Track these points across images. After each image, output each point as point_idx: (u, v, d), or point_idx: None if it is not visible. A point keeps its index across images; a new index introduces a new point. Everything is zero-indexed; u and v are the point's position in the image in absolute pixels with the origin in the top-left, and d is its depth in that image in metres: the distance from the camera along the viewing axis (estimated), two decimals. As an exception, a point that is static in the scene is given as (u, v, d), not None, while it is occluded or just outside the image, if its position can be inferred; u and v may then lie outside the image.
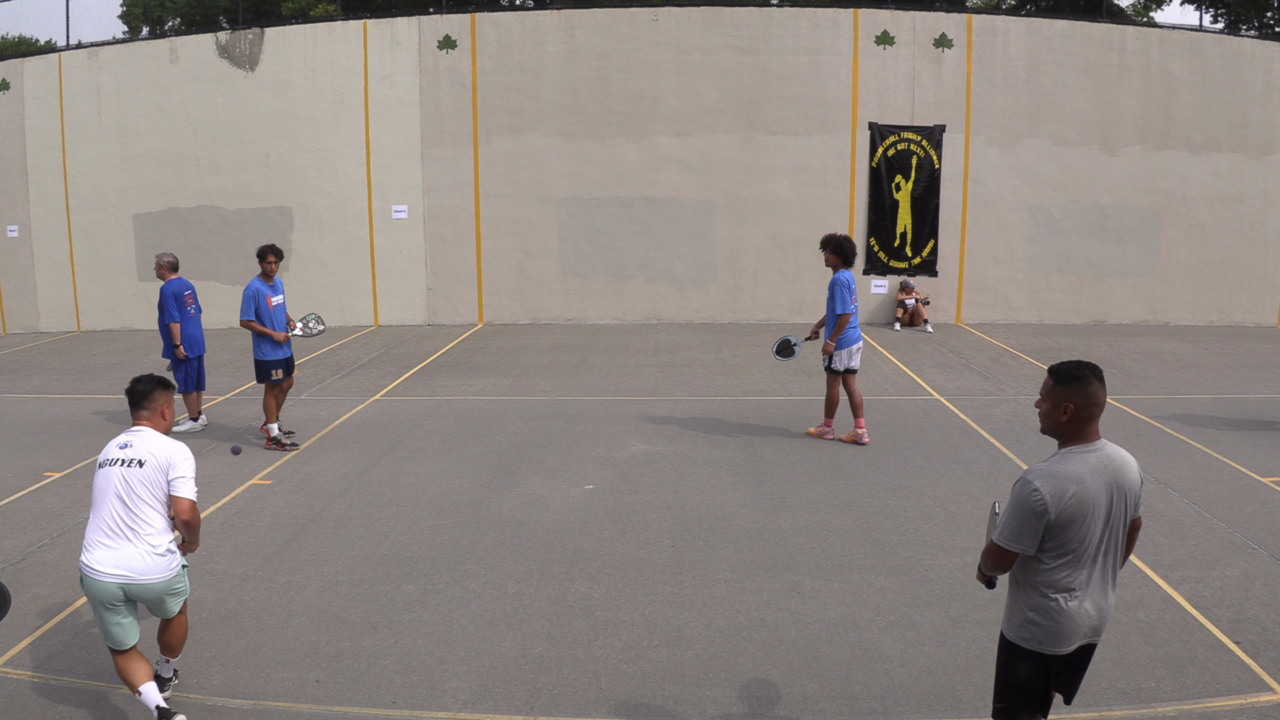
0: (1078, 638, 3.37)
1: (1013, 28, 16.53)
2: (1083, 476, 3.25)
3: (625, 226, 16.95)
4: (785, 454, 8.62)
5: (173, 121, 16.90)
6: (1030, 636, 3.39)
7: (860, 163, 16.68)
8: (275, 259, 8.91)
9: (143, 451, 4.27)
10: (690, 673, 4.78)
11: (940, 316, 16.86)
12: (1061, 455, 3.33)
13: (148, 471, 4.23)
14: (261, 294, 8.83)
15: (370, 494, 7.60)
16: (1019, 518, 3.28)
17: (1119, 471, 3.32)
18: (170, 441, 4.36)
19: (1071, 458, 3.29)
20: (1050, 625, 3.35)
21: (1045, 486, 3.22)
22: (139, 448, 4.29)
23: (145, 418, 4.42)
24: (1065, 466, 3.27)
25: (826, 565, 6.09)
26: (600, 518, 6.99)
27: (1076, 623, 3.34)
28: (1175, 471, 8.00)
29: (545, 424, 9.77)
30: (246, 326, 8.89)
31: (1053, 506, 3.21)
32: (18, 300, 17.63)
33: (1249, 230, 16.68)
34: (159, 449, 4.29)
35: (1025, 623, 3.40)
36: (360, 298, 17.25)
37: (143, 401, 4.43)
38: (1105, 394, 3.35)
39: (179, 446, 4.36)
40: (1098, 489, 3.26)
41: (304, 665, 4.88)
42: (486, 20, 16.73)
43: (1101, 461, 3.30)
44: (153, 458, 4.25)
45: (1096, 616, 3.37)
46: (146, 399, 4.44)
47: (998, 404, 10.52)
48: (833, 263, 8.81)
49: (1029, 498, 3.24)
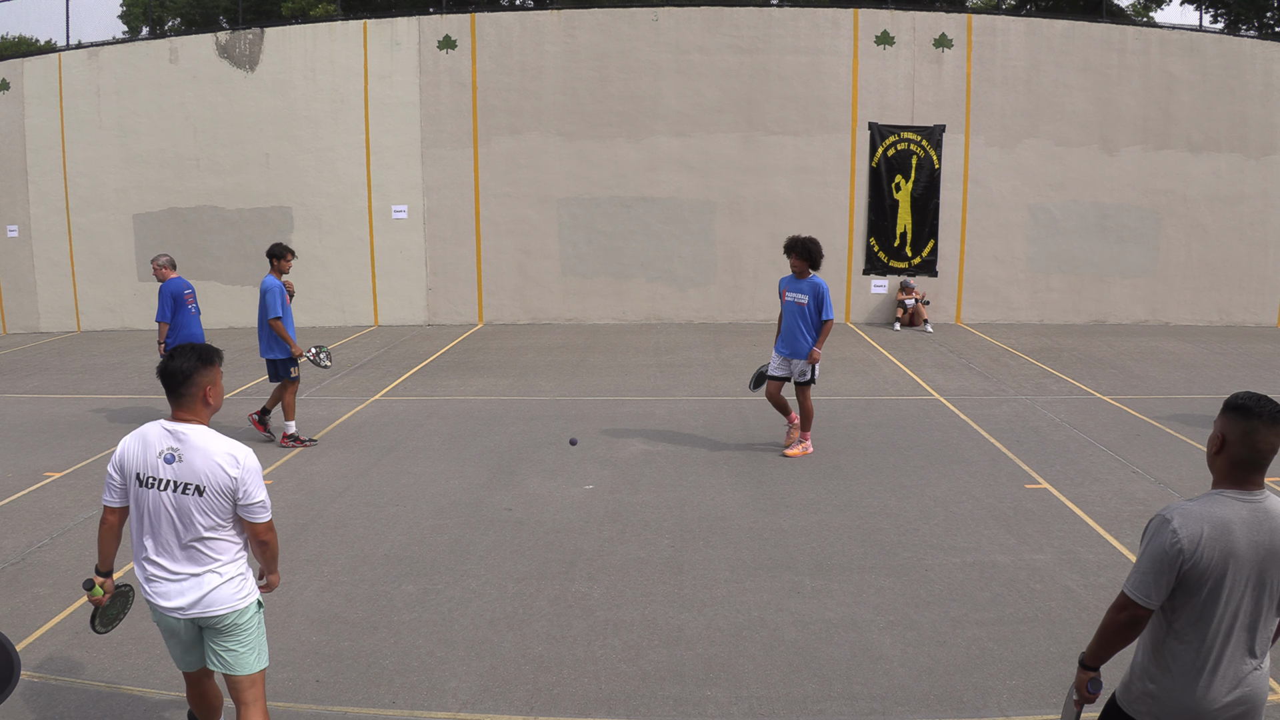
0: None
1: (1013, 28, 16.53)
2: (1229, 525, 2.71)
3: (625, 226, 16.95)
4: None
5: (173, 121, 16.90)
6: (1145, 710, 2.86)
7: (860, 163, 16.68)
8: (292, 258, 9.17)
9: (198, 468, 3.44)
10: (690, 673, 4.78)
11: (940, 316, 16.86)
12: (1210, 496, 2.79)
13: (209, 499, 3.46)
14: (283, 290, 8.97)
15: (370, 494, 7.60)
16: (1152, 561, 2.73)
17: (1278, 534, 2.73)
18: (225, 445, 3.52)
19: (1220, 501, 2.75)
20: (1171, 704, 2.79)
21: (1184, 527, 2.70)
22: (190, 461, 3.45)
23: (188, 406, 3.54)
24: (1210, 508, 2.74)
25: (826, 565, 6.09)
26: (600, 518, 6.99)
27: (1208, 704, 2.75)
28: (1175, 471, 8.00)
29: (545, 424, 9.77)
30: (274, 326, 8.91)
31: (1189, 549, 2.69)
32: (18, 300, 17.63)
33: (1249, 230, 16.69)
34: (216, 463, 3.45)
35: (1143, 695, 2.86)
36: (360, 298, 17.25)
37: (183, 386, 3.51)
38: (1275, 442, 2.74)
39: (239, 452, 3.51)
40: (1246, 547, 2.70)
41: (304, 665, 4.88)
42: (486, 20, 16.73)
43: (1257, 516, 2.73)
44: (211, 479, 3.44)
45: (1242, 700, 2.77)
46: (188, 382, 3.50)
47: (998, 404, 10.52)
48: (797, 268, 8.35)
49: (1164, 538, 2.72)
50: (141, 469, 3.52)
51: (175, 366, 3.51)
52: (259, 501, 3.53)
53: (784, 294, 8.48)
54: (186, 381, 3.52)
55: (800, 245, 8.34)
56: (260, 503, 3.53)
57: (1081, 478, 7.83)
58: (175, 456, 3.47)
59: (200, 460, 3.46)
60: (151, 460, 3.50)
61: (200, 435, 3.51)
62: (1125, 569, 5.96)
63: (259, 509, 3.54)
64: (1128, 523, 6.79)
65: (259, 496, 3.53)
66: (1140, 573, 2.75)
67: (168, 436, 3.51)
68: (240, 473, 3.47)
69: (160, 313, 9.55)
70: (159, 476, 3.48)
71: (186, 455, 3.47)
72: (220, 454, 3.47)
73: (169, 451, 3.48)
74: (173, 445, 3.49)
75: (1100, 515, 6.94)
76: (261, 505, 3.54)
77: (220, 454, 3.47)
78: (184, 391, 3.52)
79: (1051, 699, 4.48)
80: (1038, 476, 7.88)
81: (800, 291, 8.35)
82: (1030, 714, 4.37)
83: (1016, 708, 4.42)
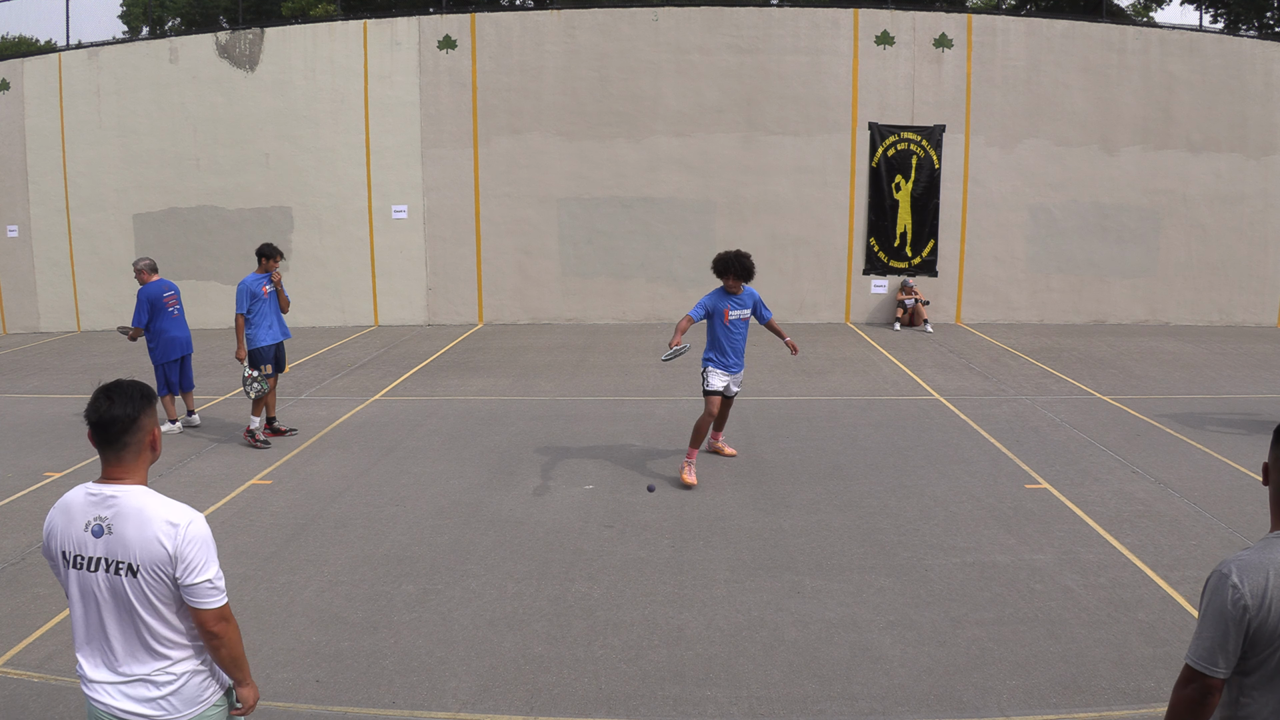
0: None
1: (1013, 28, 16.53)
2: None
3: (625, 226, 16.95)
4: (785, 454, 8.62)
5: (173, 121, 16.90)
6: None
7: (860, 163, 16.69)
8: (281, 258, 9.31)
9: (129, 541, 2.71)
10: (690, 673, 4.78)
11: (940, 316, 16.86)
12: (1267, 539, 2.50)
13: (145, 581, 2.72)
14: (254, 286, 9.00)
15: (370, 494, 7.60)
16: (1215, 623, 2.41)
17: None
18: (164, 509, 2.75)
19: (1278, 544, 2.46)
20: None
21: (1245, 580, 2.39)
22: (122, 533, 2.72)
23: (128, 461, 2.78)
24: (1269, 554, 2.44)
25: (826, 565, 6.09)
26: (600, 518, 6.99)
27: None
28: (1175, 471, 8.00)
29: (545, 424, 9.77)
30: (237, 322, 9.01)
31: (1254, 605, 2.38)
32: (18, 300, 17.63)
33: (1249, 230, 16.69)
34: (151, 537, 2.70)
35: None
36: (360, 298, 17.25)
37: (127, 434, 2.76)
38: None
39: (179, 517, 2.74)
40: None
41: (304, 665, 4.88)
42: (486, 20, 16.73)
43: None
44: (145, 554, 2.70)
45: None
46: (133, 429, 2.76)
47: (998, 404, 10.52)
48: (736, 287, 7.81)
49: (1223, 593, 2.41)
50: (68, 546, 2.78)
51: (116, 413, 2.74)
52: (204, 582, 2.74)
53: (727, 314, 7.84)
54: (131, 428, 2.76)
55: (740, 265, 7.75)
56: (206, 583, 2.74)
57: (1081, 478, 7.83)
58: (104, 528, 2.74)
59: (133, 531, 2.71)
60: (78, 535, 2.77)
61: (134, 498, 2.75)
62: (1125, 569, 5.96)
63: (206, 591, 2.74)
64: (1128, 523, 6.79)
65: (205, 574, 2.74)
66: (1203, 639, 2.43)
67: (95, 503, 2.76)
68: (178, 545, 2.70)
69: (136, 318, 9.57)
70: (86, 554, 2.76)
71: (117, 525, 2.73)
72: (156, 521, 2.71)
73: (97, 522, 2.75)
74: (100, 514, 2.75)
75: (1100, 515, 6.94)
76: (209, 586, 2.75)
77: (156, 521, 2.71)
78: (128, 441, 2.76)
79: (1051, 699, 4.48)
80: (1038, 476, 7.88)
81: (745, 307, 7.92)
82: (1030, 714, 4.37)
83: (1016, 708, 4.42)
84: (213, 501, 7.42)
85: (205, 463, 8.53)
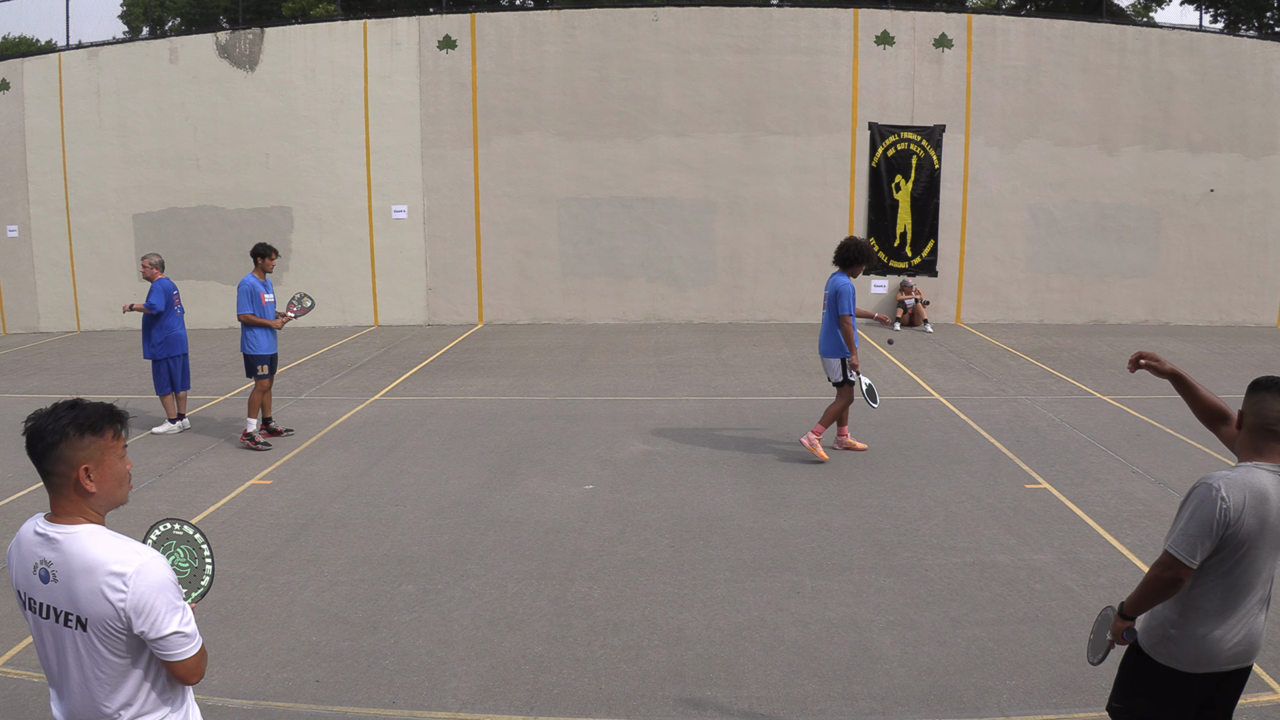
0: (1220, 664, 3.10)
1: (1013, 28, 16.53)
2: (1266, 494, 2.94)
3: (625, 226, 16.95)
4: (785, 454, 8.62)
5: (173, 121, 16.90)
6: (1167, 654, 3.13)
7: (860, 163, 16.69)
8: (276, 257, 9.29)
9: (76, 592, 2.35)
10: (690, 673, 4.78)
11: (940, 316, 16.86)
12: (1243, 466, 3.02)
13: (96, 634, 2.37)
14: (257, 289, 9.05)
15: (370, 494, 7.60)
16: (1200, 525, 2.93)
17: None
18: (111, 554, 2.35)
19: (1254, 472, 2.98)
20: (1191, 648, 3.08)
21: (1231, 494, 2.91)
22: (67, 584, 2.36)
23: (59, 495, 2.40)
24: (1248, 478, 2.95)
25: (826, 565, 6.09)
26: (600, 518, 6.99)
27: (1221, 648, 3.07)
28: (1175, 471, 8.00)
29: (545, 424, 9.77)
30: (245, 320, 9.05)
31: (1234, 516, 2.91)
32: (18, 300, 17.63)
33: (1249, 230, 16.69)
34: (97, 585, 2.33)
35: (1164, 639, 3.13)
36: (360, 298, 17.25)
37: (46, 460, 2.37)
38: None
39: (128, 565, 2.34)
40: (1276, 515, 2.95)
41: (304, 665, 4.88)
42: (486, 20, 16.73)
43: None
44: (94, 611, 2.35)
45: (1246, 642, 3.10)
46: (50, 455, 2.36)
47: (998, 404, 10.52)
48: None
49: (1213, 504, 2.91)
50: (21, 585, 2.48)
51: (40, 428, 2.37)
52: (172, 634, 2.38)
53: None
54: (49, 455, 2.36)
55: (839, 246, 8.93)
56: (175, 635, 2.39)
57: (1081, 478, 7.83)
58: (49, 574, 2.39)
59: (79, 582, 2.35)
60: (28, 576, 2.45)
61: (79, 541, 2.37)
62: (1125, 569, 5.96)
63: (176, 643, 2.40)
64: (1128, 523, 6.79)
65: (170, 627, 2.37)
66: (1187, 536, 2.94)
67: (41, 544, 2.41)
68: (130, 599, 2.33)
69: (153, 304, 9.53)
70: (36, 599, 2.44)
71: (61, 573, 2.37)
72: (102, 572, 2.33)
73: (42, 566, 2.40)
74: (45, 556, 2.40)
75: (1100, 515, 6.94)
76: (178, 638, 2.40)
77: (102, 572, 2.33)
78: (48, 469, 2.38)
79: (1051, 699, 4.48)
80: (1038, 476, 7.88)
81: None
82: (1030, 714, 4.37)
83: (1016, 708, 4.42)
84: (212, 501, 7.42)
85: (205, 463, 8.53)
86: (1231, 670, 3.16)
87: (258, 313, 9.05)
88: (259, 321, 9.05)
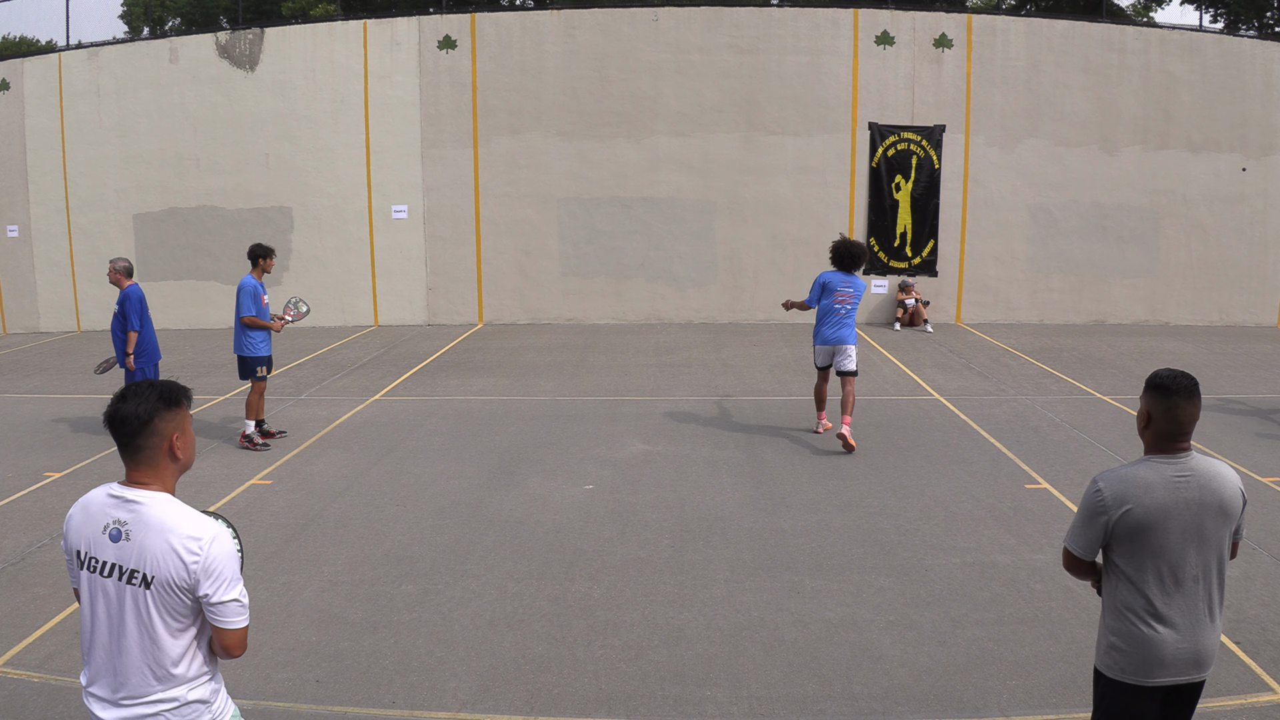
0: (1166, 671, 3.10)
1: (1013, 28, 16.53)
2: (1151, 485, 3.07)
3: (625, 226, 16.95)
4: (785, 454, 8.62)
5: (173, 121, 16.91)
6: (1113, 664, 3.17)
7: (860, 163, 16.69)
8: (274, 259, 9.24)
9: (147, 551, 2.57)
10: (690, 673, 4.78)
11: (940, 316, 16.86)
12: (1139, 461, 3.19)
13: (159, 594, 2.57)
14: (259, 290, 9.00)
15: (370, 494, 7.60)
16: (1080, 515, 3.21)
17: (1205, 489, 3.10)
18: (189, 522, 2.60)
19: (1147, 465, 3.13)
20: (1132, 653, 3.12)
21: (1109, 487, 3.11)
22: (140, 541, 2.58)
23: (147, 464, 2.65)
24: (1134, 471, 3.12)
25: (826, 565, 6.09)
26: (600, 518, 6.99)
27: (1161, 652, 3.08)
28: (1175, 471, 7.99)
29: (545, 424, 9.77)
30: (249, 323, 8.97)
31: (1113, 507, 3.08)
32: (18, 300, 17.63)
33: (1249, 230, 16.69)
34: (171, 545, 2.56)
35: (1108, 648, 3.20)
36: (360, 298, 17.25)
37: (139, 437, 2.63)
38: (1193, 412, 3.12)
39: (204, 532, 2.59)
40: (1171, 502, 3.06)
41: (304, 665, 4.88)
42: (486, 20, 16.73)
43: (1181, 475, 3.09)
44: (162, 567, 2.55)
45: (1192, 650, 3.10)
46: (146, 431, 2.62)
47: (998, 404, 10.52)
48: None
49: (1090, 495, 3.15)
50: (83, 546, 2.65)
51: (128, 410, 2.61)
52: (231, 600, 2.60)
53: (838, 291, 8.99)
54: (144, 430, 2.62)
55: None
56: (234, 602, 2.61)
57: (1081, 478, 7.82)
58: (122, 533, 2.59)
59: (153, 540, 2.57)
60: (95, 536, 2.63)
61: (158, 506, 2.61)
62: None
63: (233, 611, 2.62)
64: (1128, 523, 6.79)
65: (231, 594, 2.60)
66: (1073, 527, 3.24)
67: (116, 505, 2.63)
68: (203, 561, 2.55)
69: (132, 321, 8.86)
70: (100, 558, 2.61)
71: (135, 532, 2.58)
72: (180, 534, 2.56)
73: (115, 526, 2.60)
74: (120, 517, 2.61)
75: (1100, 515, 6.93)
76: (236, 606, 2.62)
77: (180, 534, 2.56)
78: (141, 444, 2.63)
79: (1051, 699, 4.48)
80: (1038, 476, 7.88)
81: None
82: (1030, 714, 4.37)
83: (1016, 708, 4.43)
84: (213, 501, 7.42)
85: (205, 463, 8.53)
86: (1184, 684, 3.15)
87: (259, 314, 9.02)
88: (261, 324, 9.00)
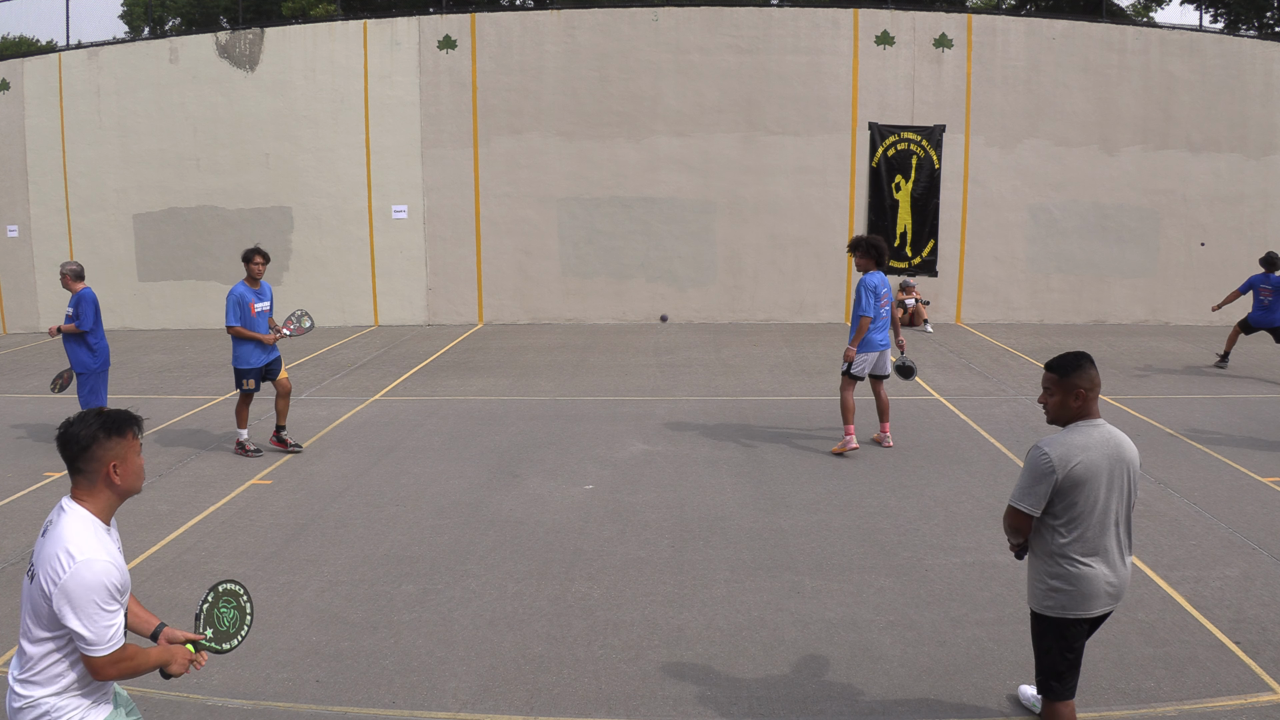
0: (1099, 602, 3.65)
1: (1013, 28, 16.53)
2: (1088, 445, 3.60)
3: (625, 226, 16.95)
4: (785, 454, 8.62)
5: (173, 121, 16.90)
6: (1054, 604, 3.66)
7: (860, 163, 16.68)
8: (262, 261, 8.61)
9: (42, 554, 2.76)
10: (690, 673, 4.78)
11: (940, 316, 16.86)
12: (1070, 428, 3.69)
13: (34, 590, 2.75)
14: (245, 299, 8.54)
15: (370, 494, 7.60)
16: (1029, 478, 3.62)
17: (1120, 446, 3.67)
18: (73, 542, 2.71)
19: (1078, 430, 3.66)
20: (1074, 590, 3.63)
21: (1054, 451, 3.58)
22: (44, 544, 2.78)
23: (85, 484, 2.82)
24: (1072, 436, 3.64)
25: (826, 565, 6.09)
26: (600, 518, 6.99)
27: (1096, 586, 3.62)
28: (1175, 471, 7.99)
29: (545, 424, 9.77)
30: (232, 332, 8.58)
31: (1059, 468, 3.55)
32: (18, 300, 17.63)
33: (1249, 230, 16.68)
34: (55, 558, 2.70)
35: (1048, 591, 3.67)
36: (360, 298, 17.25)
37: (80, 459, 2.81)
38: (1099, 373, 3.74)
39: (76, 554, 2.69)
40: (1100, 458, 3.60)
41: (304, 665, 4.88)
42: (486, 20, 16.73)
43: (1104, 436, 3.66)
44: (43, 573, 2.72)
45: (1116, 583, 3.66)
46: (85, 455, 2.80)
47: (998, 404, 10.52)
48: (863, 265, 8.52)
49: (1038, 460, 3.59)
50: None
51: (71, 434, 2.81)
52: (78, 628, 2.67)
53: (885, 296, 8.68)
54: (83, 455, 2.80)
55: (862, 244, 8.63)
56: (80, 632, 2.68)
57: (1081, 478, 7.81)
58: (45, 530, 2.83)
59: (50, 547, 2.74)
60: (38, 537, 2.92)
61: (71, 520, 2.78)
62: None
63: (81, 638, 2.69)
64: (1128, 523, 6.79)
65: (75, 623, 2.66)
66: (1020, 488, 3.65)
67: (55, 509, 2.88)
68: (63, 581, 2.67)
69: (85, 319, 8.63)
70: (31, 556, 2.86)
71: (48, 535, 2.79)
72: (62, 548, 2.70)
73: (45, 525, 2.86)
74: (51, 519, 2.85)
75: (1100, 515, 6.93)
76: (79, 639, 2.69)
77: (62, 548, 2.70)
78: (81, 467, 2.81)
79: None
80: (1038, 476, 7.87)
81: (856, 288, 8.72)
82: (1030, 714, 4.37)
83: (1016, 708, 4.43)
84: (213, 501, 7.42)
85: (205, 463, 8.53)
86: (1101, 615, 3.72)
87: (246, 323, 8.54)
88: (248, 335, 8.53)
